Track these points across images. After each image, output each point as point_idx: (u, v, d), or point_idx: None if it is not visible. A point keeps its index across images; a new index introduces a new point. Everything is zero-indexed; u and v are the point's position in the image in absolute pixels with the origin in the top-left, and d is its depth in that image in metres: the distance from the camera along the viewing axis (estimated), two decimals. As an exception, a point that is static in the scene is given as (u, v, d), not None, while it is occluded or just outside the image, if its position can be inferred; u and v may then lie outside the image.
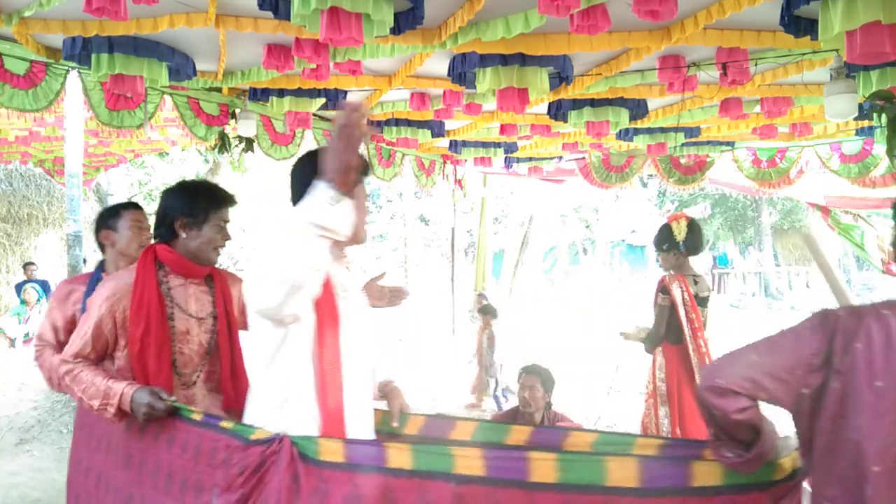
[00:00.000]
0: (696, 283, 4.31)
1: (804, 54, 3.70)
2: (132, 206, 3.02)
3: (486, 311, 7.65)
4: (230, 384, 2.49)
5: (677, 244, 4.21)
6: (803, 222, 22.20)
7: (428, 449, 1.74)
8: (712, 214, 24.56)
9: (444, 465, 1.66)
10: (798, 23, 2.92)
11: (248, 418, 2.03)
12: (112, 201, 12.41)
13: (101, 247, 3.00)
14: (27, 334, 9.15)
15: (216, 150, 5.42)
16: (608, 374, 8.43)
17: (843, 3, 2.45)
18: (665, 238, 4.28)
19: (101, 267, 2.98)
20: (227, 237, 2.51)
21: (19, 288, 9.70)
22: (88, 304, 2.41)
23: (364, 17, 2.71)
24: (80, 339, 2.33)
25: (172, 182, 2.93)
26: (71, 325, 2.80)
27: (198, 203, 2.43)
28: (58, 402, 5.58)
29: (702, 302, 4.30)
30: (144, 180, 16.42)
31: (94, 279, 2.87)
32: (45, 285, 9.89)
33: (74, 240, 5.95)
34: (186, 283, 2.45)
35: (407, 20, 2.94)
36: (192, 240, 2.42)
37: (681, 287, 4.22)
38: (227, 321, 2.52)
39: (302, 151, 5.54)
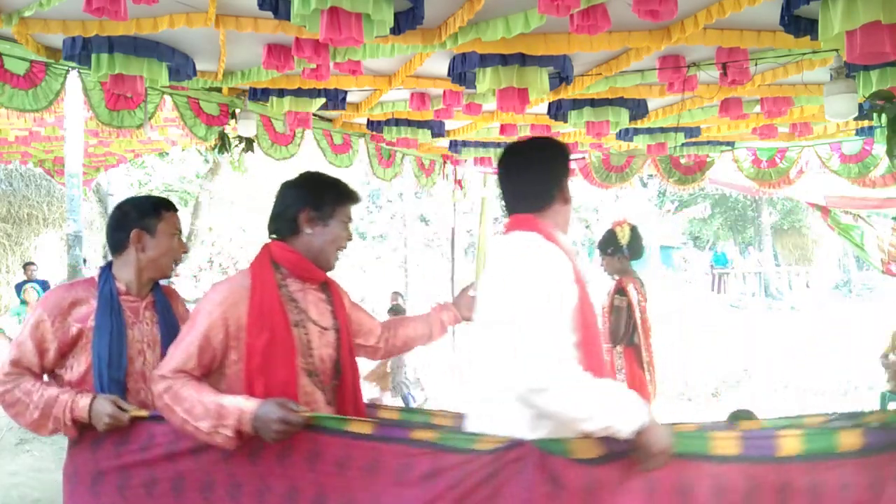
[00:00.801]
0: (642, 285, 4.46)
1: (804, 54, 3.70)
2: (172, 207, 2.44)
3: (397, 312, 7.40)
4: (352, 408, 2.19)
5: (622, 248, 4.43)
6: (803, 222, 22.22)
7: (685, 434, 1.92)
8: (712, 214, 24.57)
9: (701, 448, 1.84)
10: (798, 23, 2.92)
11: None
12: (112, 201, 12.43)
13: (118, 246, 2.34)
14: (27, 334, 9.14)
15: (216, 150, 5.42)
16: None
17: (843, 3, 2.45)
18: (610, 242, 4.51)
19: (110, 272, 2.32)
20: (350, 237, 2.23)
21: (19, 288, 9.70)
22: (194, 311, 2.08)
23: (364, 17, 2.71)
24: (182, 351, 1.99)
25: (172, 182, 2.77)
26: (69, 349, 2.20)
27: (325, 195, 2.17)
28: (58, 402, 5.58)
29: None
30: (144, 180, 16.43)
31: (107, 288, 2.25)
32: (45, 285, 9.89)
33: (74, 240, 5.95)
34: (305, 289, 2.16)
35: (407, 20, 2.94)
36: (318, 237, 2.14)
37: (635, 289, 4.35)
38: (347, 335, 2.24)
39: (302, 151, 5.57)
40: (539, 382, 1.67)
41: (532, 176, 2.04)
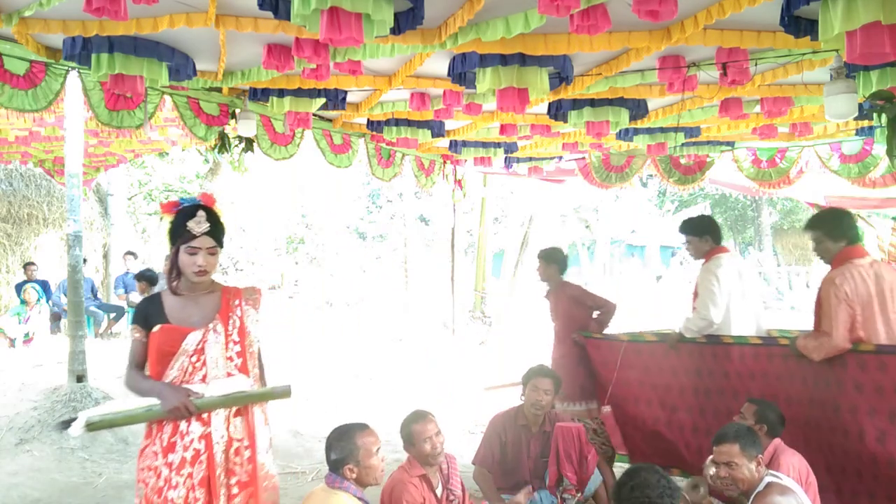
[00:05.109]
0: None
1: (804, 54, 3.70)
2: None
3: (142, 278, 6.81)
4: None
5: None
6: (803, 222, 22.24)
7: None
8: (712, 214, 24.54)
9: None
10: (798, 23, 2.93)
11: None
12: (112, 201, 12.42)
13: None
14: (27, 334, 9.14)
15: (216, 150, 5.42)
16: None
17: (843, 3, 2.45)
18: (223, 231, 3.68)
19: None
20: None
21: (19, 288, 9.70)
22: None
23: (364, 17, 2.71)
24: None
25: (172, 182, 2.70)
26: None
27: None
28: (58, 403, 5.58)
29: None
30: (144, 180, 16.43)
31: None
32: (45, 285, 9.88)
33: (74, 240, 5.94)
34: None
35: (407, 20, 2.94)
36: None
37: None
38: None
39: (301, 151, 5.57)
40: None
41: None
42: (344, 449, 2.84)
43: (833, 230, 3.67)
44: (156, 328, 2.61)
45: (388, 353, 9.92)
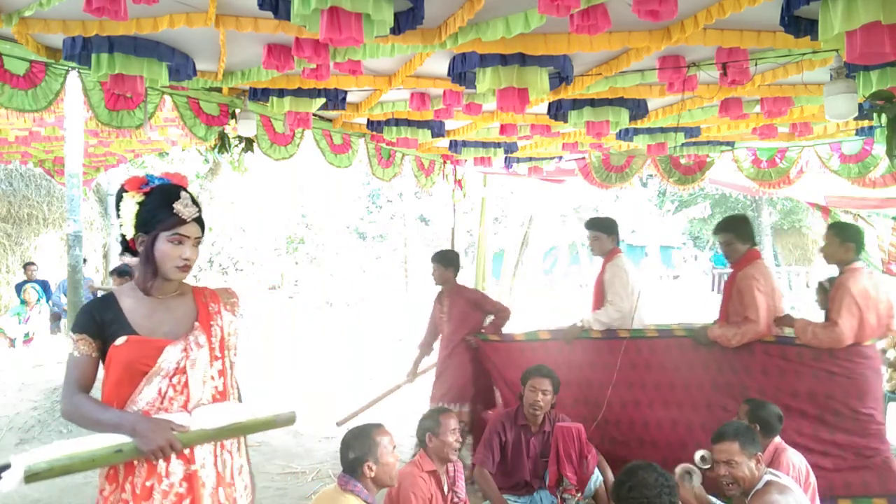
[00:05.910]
0: None
1: (804, 54, 3.70)
2: None
3: (120, 272, 6.60)
4: None
5: None
6: (803, 222, 22.21)
7: None
8: (712, 214, 24.54)
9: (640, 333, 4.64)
10: (798, 23, 2.92)
11: None
12: (112, 201, 12.42)
13: None
14: (27, 334, 9.15)
15: (216, 150, 5.42)
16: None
17: (843, 3, 2.45)
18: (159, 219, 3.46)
19: None
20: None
21: (19, 288, 9.70)
22: None
23: (364, 17, 2.71)
24: None
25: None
26: None
27: None
28: (57, 402, 5.58)
29: None
30: (144, 180, 16.38)
31: None
32: (45, 285, 9.89)
33: (74, 240, 5.95)
34: None
35: (407, 20, 2.94)
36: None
37: None
38: None
39: (301, 151, 5.57)
40: None
41: None
42: (363, 446, 2.82)
43: (742, 234, 4.34)
44: (120, 340, 2.04)
45: (388, 353, 9.92)
